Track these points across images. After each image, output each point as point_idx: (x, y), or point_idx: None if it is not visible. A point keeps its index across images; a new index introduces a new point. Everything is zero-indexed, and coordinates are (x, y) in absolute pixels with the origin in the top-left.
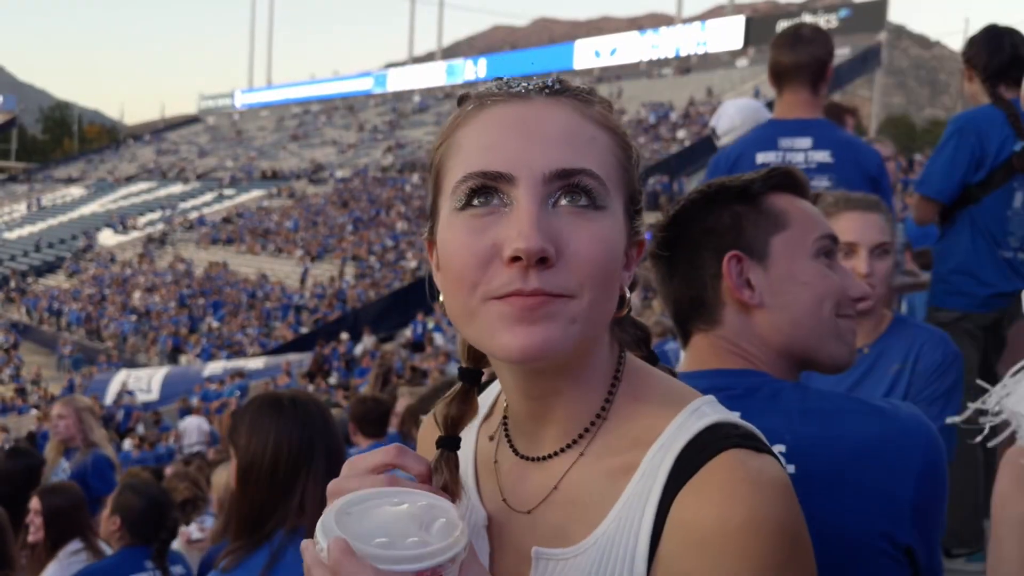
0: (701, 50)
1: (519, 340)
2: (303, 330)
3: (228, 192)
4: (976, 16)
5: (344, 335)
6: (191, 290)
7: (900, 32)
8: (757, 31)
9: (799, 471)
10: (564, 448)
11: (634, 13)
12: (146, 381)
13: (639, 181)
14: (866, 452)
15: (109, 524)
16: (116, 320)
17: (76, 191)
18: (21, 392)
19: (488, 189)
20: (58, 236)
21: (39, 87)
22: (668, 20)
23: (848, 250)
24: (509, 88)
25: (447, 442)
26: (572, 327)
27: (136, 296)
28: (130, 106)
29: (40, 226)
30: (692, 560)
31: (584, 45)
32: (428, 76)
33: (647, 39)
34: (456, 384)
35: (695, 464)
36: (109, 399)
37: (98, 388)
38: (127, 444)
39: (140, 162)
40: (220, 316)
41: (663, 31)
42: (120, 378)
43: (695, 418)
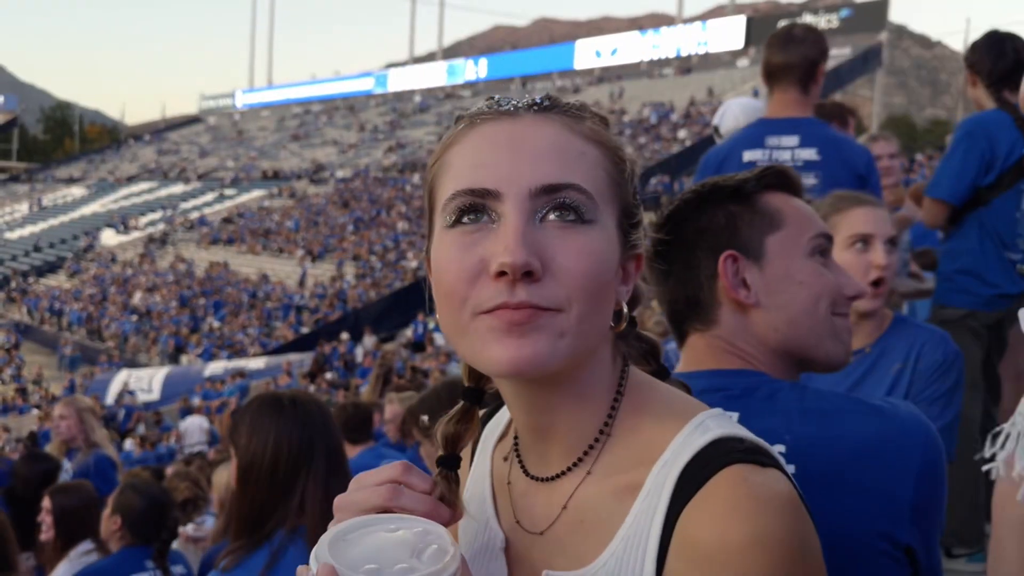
0: (702, 50)
1: (507, 353)
2: (304, 330)
3: (229, 192)
4: (977, 16)
5: (344, 335)
6: (192, 290)
7: (901, 32)
8: (758, 31)
9: (798, 471)
10: (570, 467)
11: (635, 13)
12: (147, 381)
13: (635, 195)
14: (865, 452)
15: (110, 524)
16: (117, 320)
17: (77, 191)
18: (22, 392)
19: (477, 207)
20: (59, 236)
21: (40, 87)
22: (669, 20)
23: (864, 242)
24: (499, 106)
25: (445, 461)
26: (561, 341)
27: (137, 296)
28: (131, 106)
29: (41, 226)
30: None
31: (585, 45)
32: (429, 76)
33: (648, 39)
34: (459, 403)
35: (699, 481)
36: (110, 399)
37: (99, 388)
38: (128, 444)
39: (141, 162)
40: (221, 316)
41: (664, 31)
42: (121, 378)
43: (699, 433)
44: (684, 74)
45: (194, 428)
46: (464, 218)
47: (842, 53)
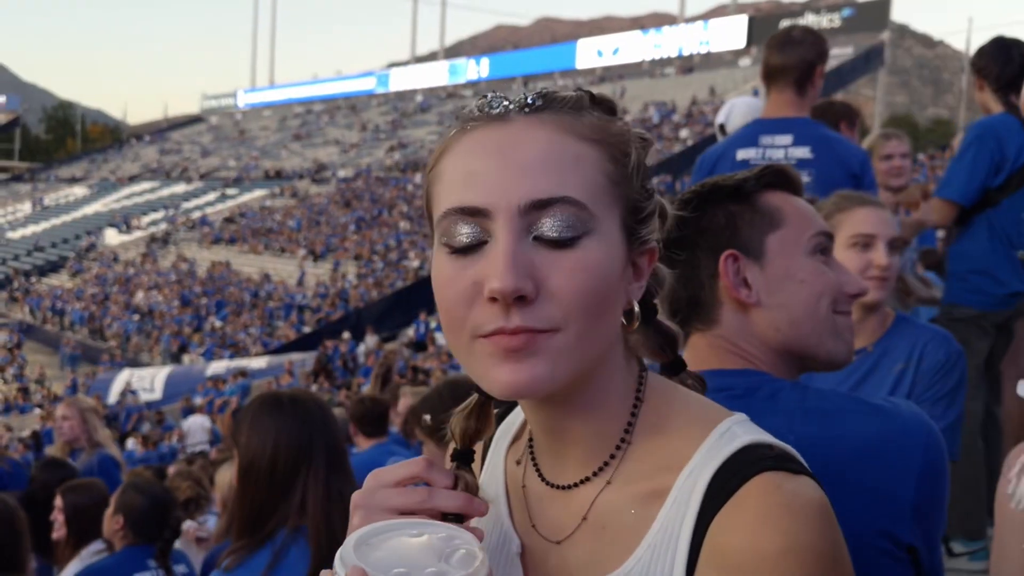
0: (704, 49)
1: (506, 378)
2: (306, 329)
3: (231, 192)
4: (979, 16)
5: (346, 334)
6: (194, 290)
7: (903, 31)
8: (760, 30)
9: None
10: (589, 477)
11: (637, 12)
12: (149, 380)
13: (644, 187)
14: (867, 452)
15: (112, 523)
16: (119, 319)
17: (79, 191)
18: (25, 391)
19: (468, 225)
20: (61, 236)
21: (42, 87)
22: (671, 19)
23: (866, 242)
24: (490, 108)
25: (460, 456)
26: (560, 361)
27: (139, 296)
28: (133, 106)
29: (43, 226)
30: None
31: (587, 45)
32: (431, 76)
33: (650, 39)
34: (472, 396)
35: (728, 489)
36: (112, 398)
37: (101, 387)
38: (131, 443)
39: (143, 162)
40: (223, 315)
41: (666, 30)
42: (123, 377)
43: (726, 440)
44: (686, 73)
45: (196, 427)
46: (456, 238)
47: (844, 52)
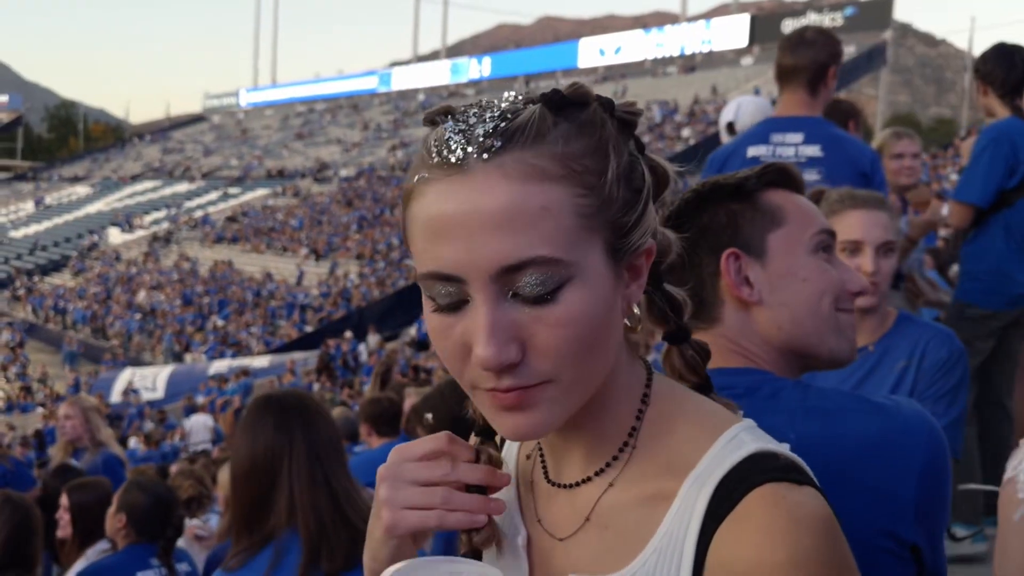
0: (706, 48)
1: (508, 427)
2: (308, 328)
3: (233, 191)
4: (982, 14)
5: (348, 334)
6: (196, 289)
7: (906, 30)
8: (762, 29)
9: None
10: (591, 477)
11: (639, 11)
12: (151, 379)
13: (632, 185)
14: (868, 450)
15: (115, 521)
16: (121, 318)
17: (81, 190)
18: (27, 390)
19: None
20: (64, 235)
21: (44, 86)
22: (673, 18)
23: (853, 248)
24: (449, 153)
25: (484, 431)
26: (557, 407)
27: (141, 294)
28: (135, 105)
29: (46, 225)
30: None
31: (589, 43)
32: (432, 75)
33: (652, 37)
34: None
35: (733, 499)
36: (115, 397)
37: (104, 386)
38: (133, 442)
39: (145, 161)
40: (225, 314)
41: (668, 29)
42: (126, 376)
43: (733, 447)
44: (688, 72)
45: (198, 426)
46: (437, 298)
47: (846, 51)
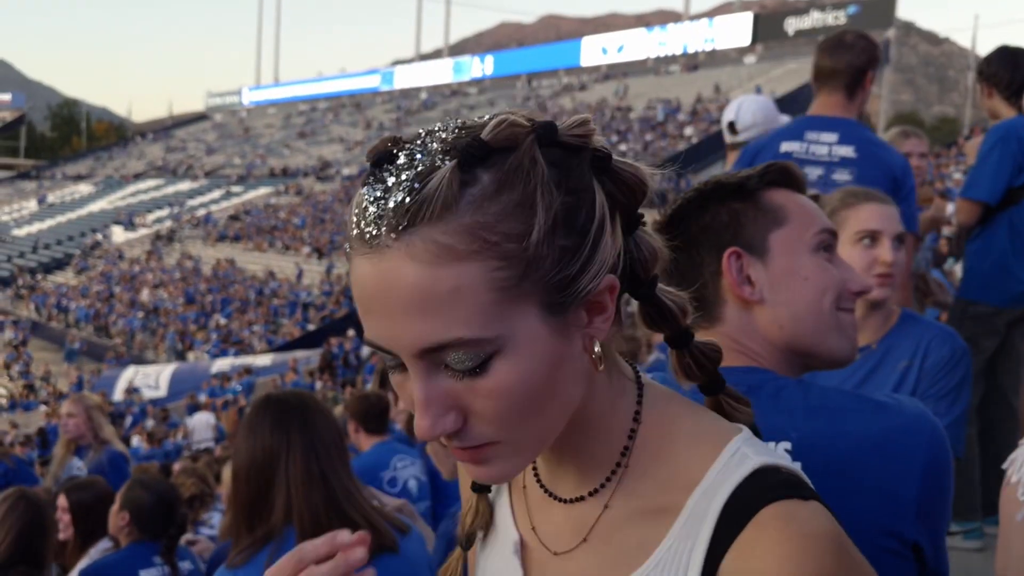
0: (709, 47)
1: (472, 474)
2: (310, 327)
3: (236, 189)
4: (985, 12)
5: (351, 332)
6: (199, 287)
7: (909, 29)
8: (765, 28)
9: (804, 469)
10: (585, 496)
11: (642, 10)
12: (154, 378)
13: (573, 229)
14: (869, 449)
15: (117, 519)
16: (124, 317)
17: (84, 188)
18: (30, 388)
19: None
20: (66, 233)
21: (47, 84)
22: (676, 17)
23: (872, 238)
24: (366, 227)
25: (479, 486)
26: (512, 459)
27: (144, 293)
28: (138, 103)
29: (49, 223)
30: None
31: (591, 42)
32: (435, 73)
33: (655, 36)
34: None
35: (742, 519)
36: (118, 395)
37: (107, 384)
38: (135, 440)
39: (148, 159)
40: (228, 313)
41: (671, 28)
42: (128, 375)
43: (736, 461)
44: (691, 71)
45: (201, 424)
46: (387, 361)
47: None
